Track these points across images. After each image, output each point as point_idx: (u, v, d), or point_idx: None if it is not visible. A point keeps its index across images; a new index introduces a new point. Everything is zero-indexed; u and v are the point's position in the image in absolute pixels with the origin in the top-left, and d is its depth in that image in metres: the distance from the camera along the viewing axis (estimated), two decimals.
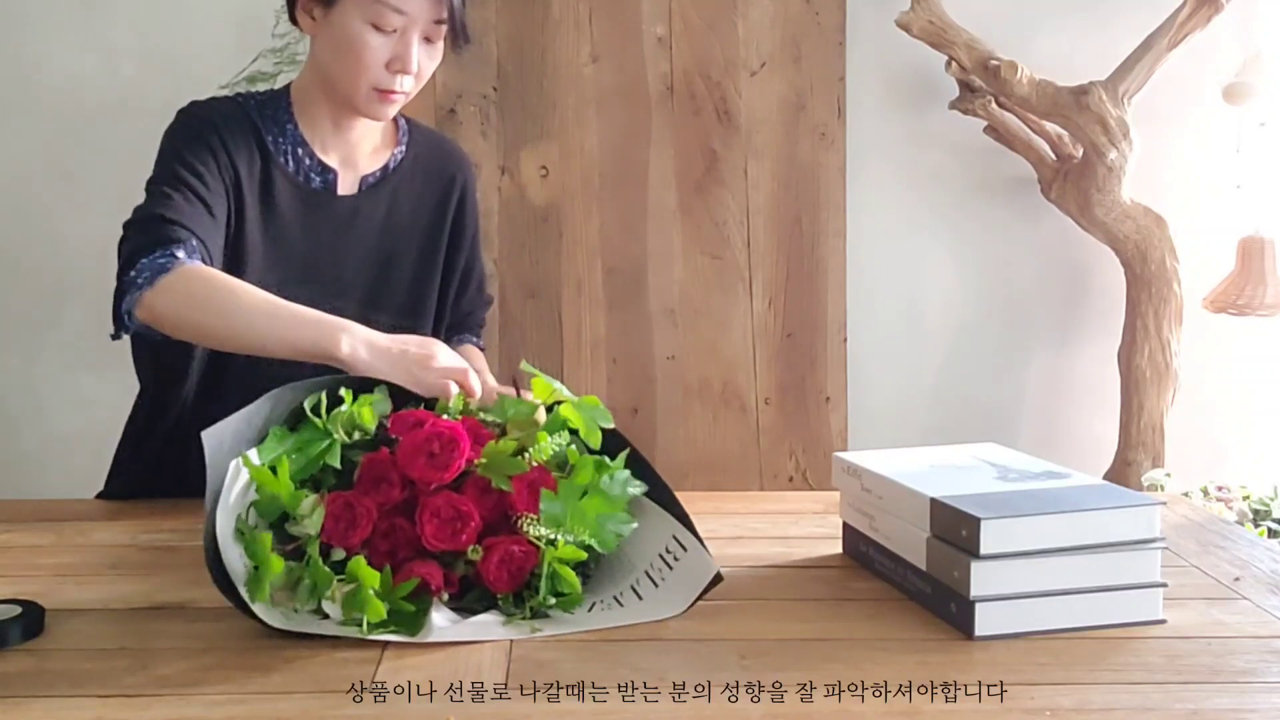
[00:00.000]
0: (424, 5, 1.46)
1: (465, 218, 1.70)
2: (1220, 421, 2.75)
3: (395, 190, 1.62)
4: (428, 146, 1.68)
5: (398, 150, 1.64)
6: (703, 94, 2.61)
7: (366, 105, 1.51)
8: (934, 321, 2.75)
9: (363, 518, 1.08)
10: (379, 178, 1.61)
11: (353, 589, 1.03)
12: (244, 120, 1.54)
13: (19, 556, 1.28)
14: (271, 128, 1.55)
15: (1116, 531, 1.07)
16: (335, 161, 1.58)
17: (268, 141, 1.54)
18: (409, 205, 1.64)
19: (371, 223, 1.60)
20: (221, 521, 1.06)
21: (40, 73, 2.63)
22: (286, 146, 1.55)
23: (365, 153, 1.61)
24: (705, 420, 2.63)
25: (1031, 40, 2.61)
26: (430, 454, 1.10)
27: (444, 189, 1.67)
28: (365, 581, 1.02)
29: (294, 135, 1.56)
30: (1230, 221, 2.65)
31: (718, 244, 2.63)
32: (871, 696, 0.92)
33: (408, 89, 1.50)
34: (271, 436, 1.14)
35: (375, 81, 1.48)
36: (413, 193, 1.64)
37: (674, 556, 1.14)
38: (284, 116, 1.56)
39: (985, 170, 2.71)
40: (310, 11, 1.49)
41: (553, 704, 0.91)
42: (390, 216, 1.62)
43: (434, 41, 1.50)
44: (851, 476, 1.25)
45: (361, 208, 1.59)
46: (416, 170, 1.65)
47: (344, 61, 1.48)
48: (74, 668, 0.98)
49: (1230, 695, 0.94)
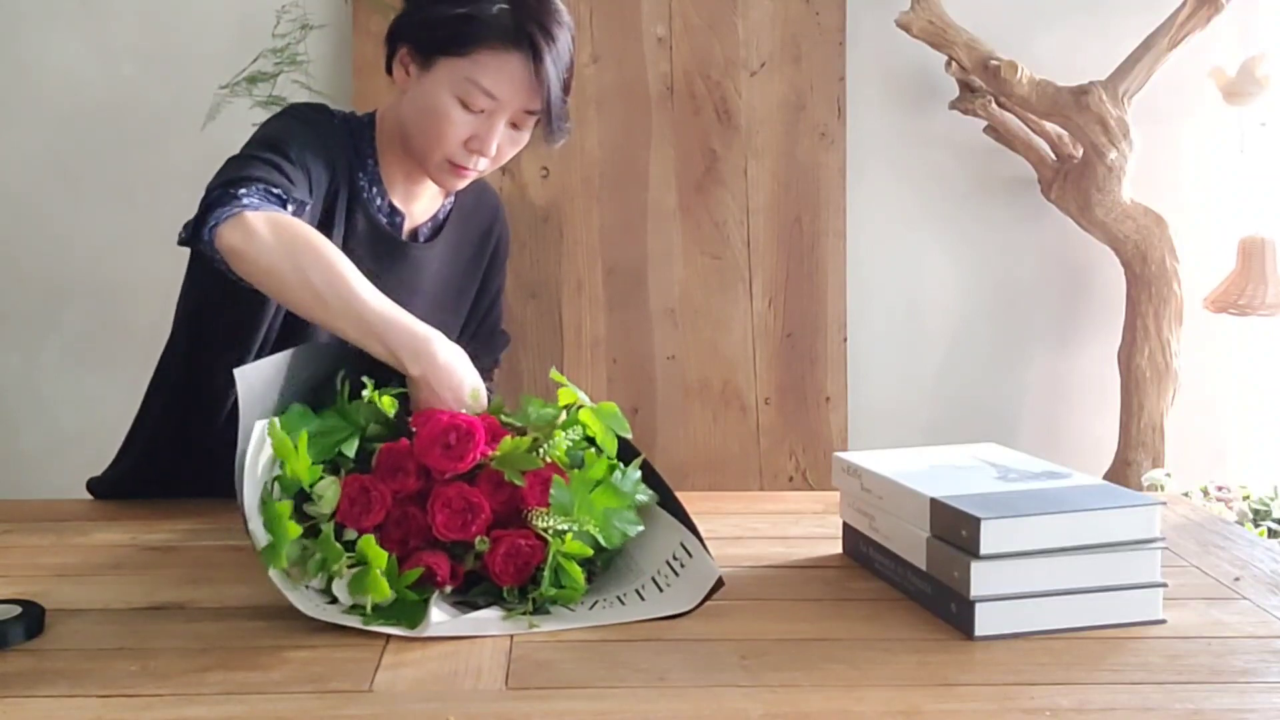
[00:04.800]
0: (516, 93, 1.41)
1: (495, 270, 1.69)
2: (1220, 421, 2.75)
3: (445, 241, 1.61)
4: (471, 194, 1.64)
5: (448, 201, 1.62)
6: (703, 94, 2.62)
7: (436, 173, 1.48)
8: (934, 321, 2.75)
9: (377, 502, 1.11)
10: (432, 229, 1.60)
11: (360, 570, 1.05)
12: (345, 136, 1.50)
13: (19, 556, 1.28)
14: (356, 155, 1.51)
15: (1116, 531, 1.07)
16: (404, 204, 1.55)
17: (355, 165, 1.51)
18: (453, 256, 1.62)
19: (427, 273, 1.58)
20: (249, 492, 1.08)
21: (40, 73, 2.63)
22: (366, 179, 1.52)
23: (424, 200, 1.58)
24: (705, 420, 2.63)
25: (1031, 40, 2.61)
26: (447, 444, 1.12)
27: (481, 240, 1.66)
28: (373, 562, 1.04)
29: (373, 171, 1.52)
30: (1230, 221, 2.66)
31: (718, 244, 2.63)
32: (871, 696, 0.92)
33: (481, 168, 1.47)
34: (293, 412, 1.16)
35: (450, 155, 1.44)
36: (456, 243, 1.62)
37: (680, 563, 1.15)
38: (367, 149, 1.52)
39: (985, 170, 2.71)
40: (407, 67, 1.45)
41: (553, 704, 0.91)
42: (440, 269, 1.60)
43: (521, 129, 1.46)
44: (851, 476, 1.25)
45: (421, 257, 1.57)
46: (460, 220, 1.63)
47: (425, 127, 1.43)
48: (74, 668, 0.98)
49: (1230, 695, 0.94)
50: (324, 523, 1.10)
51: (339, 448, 1.15)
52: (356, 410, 1.18)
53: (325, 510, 1.11)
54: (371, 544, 1.05)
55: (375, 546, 1.05)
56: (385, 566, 1.05)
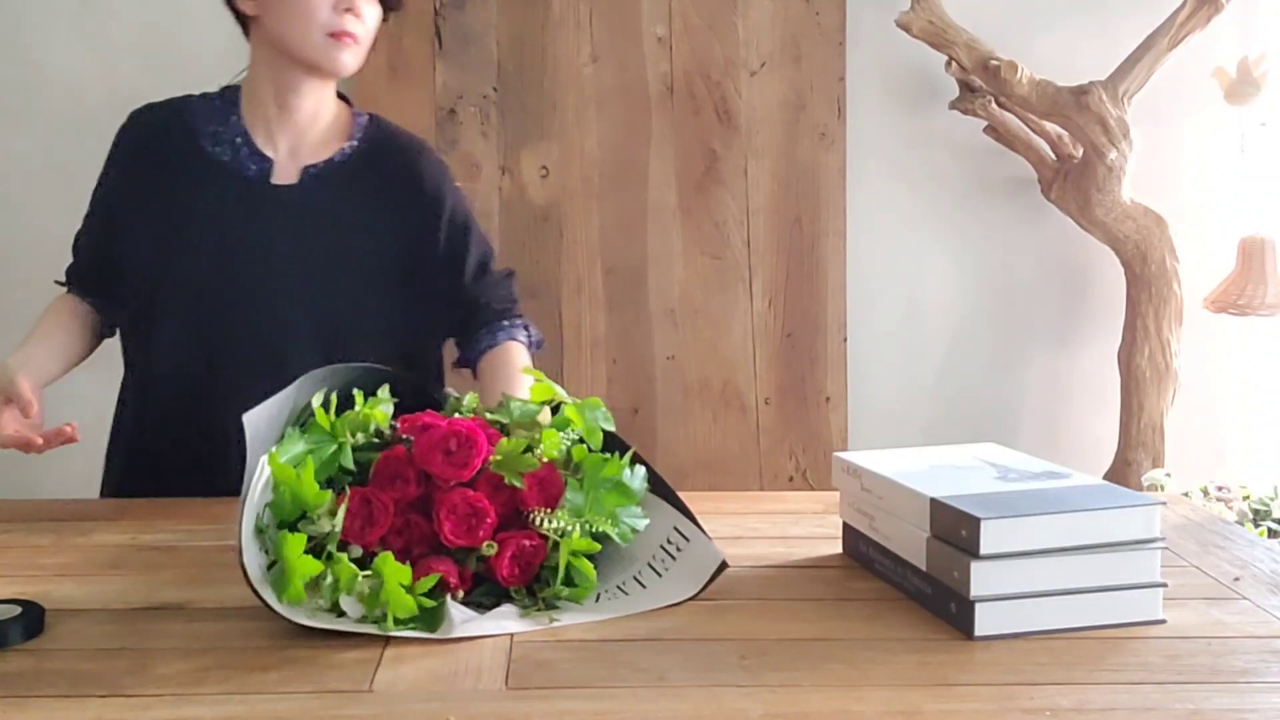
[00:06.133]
0: None
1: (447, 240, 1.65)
2: (1220, 421, 2.75)
3: (345, 184, 1.60)
4: (389, 142, 1.65)
5: (349, 144, 1.62)
6: (703, 94, 2.62)
7: (324, 55, 1.54)
8: (934, 321, 2.75)
9: (380, 514, 1.10)
10: (323, 168, 1.60)
11: (374, 585, 1.03)
12: (168, 124, 1.63)
13: (19, 556, 1.28)
14: (211, 123, 1.61)
15: (1116, 531, 1.07)
16: (277, 150, 1.60)
17: (205, 136, 1.60)
18: (362, 202, 1.61)
19: (312, 215, 1.58)
20: (246, 522, 1.06)
21: (40, 73, 2.63)
22: (228, 138, 1.60)
23: (312, 141, 1.61)
24: (705, 420, 2.63)
25: (1031, 40, 2.61)
26: (448, 451, 1.12)
27: (409, 190, 1.63)
28: (390, 577, 1.02)
29: (236, 126, 1.61)
30: (1230, 221, 2.65)
31: (718, 244, 2.63)
32: (871, 696, 0.92)
33: (358, 32, 1.54)
34: (288, 438, 1.15)
35: (326, 24, 1.52)
36: (368, 190, 1.61)
37: (676, 547, 1.16)
38: (230, 110, 1.62)
39: (985, 170, 2.71)
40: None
41: (553, 704, 0.91)
42: (338, 211, 1.59)
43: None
44: (851, 476, 1.25)
45: (301, 198, 1.58)
46: (373, 167, 1.62)
47: (292, 14, 1.53)
48: (74, 668, 0.97)
49: (1230, 695, 0.94)
50: (330, 541, 1.07)
51: (338, 463, 1.13)
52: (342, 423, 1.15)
53: (334, 529, 1.07)
54: (389, 561, 1.03)
55: (394, 563, 1.03)
56: (406, 581, 1.03)
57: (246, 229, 1.57)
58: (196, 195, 1.58)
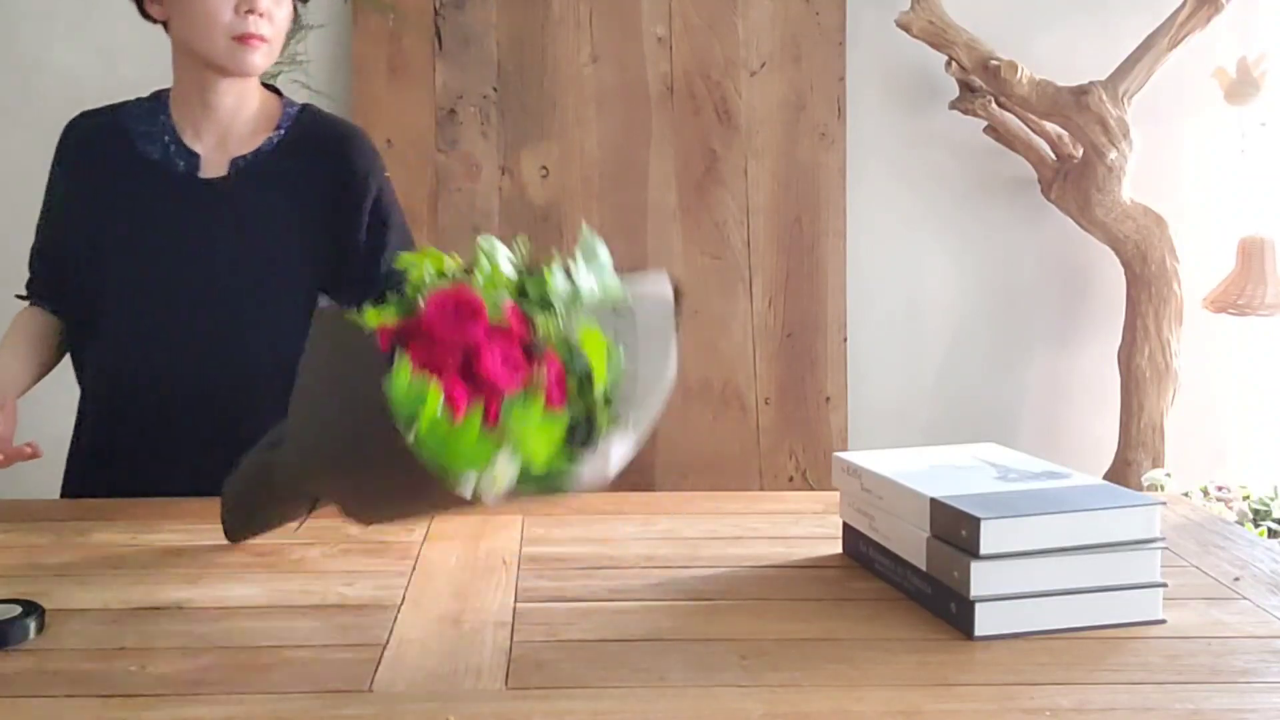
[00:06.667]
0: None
1: (360, 201, 1.63)
2: (1220, 421, 2.75)
3: (272, 173, 1.60)
4: (318, 129, 1.65)
5: (276, 133, 1.62)
6: (703, 94, 2.62)
7: (231, 58, 1.53)
8: (934, 321, 2.75)
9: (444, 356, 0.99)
10: (250, 159, 1.61)
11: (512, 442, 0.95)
12: (104, 128, 1.64)
13: (19, 556, 1.28)
14: (142, 124, 1.63)
15: (1116, 531, 1.07)
16: (204, 146, 1.61)
17: (137, 136, 1.62)
18: (290, 189, 1.61)
19: (242, 206, 1.59)
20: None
21: (40, 73, 2.63)
22: (157, 136, 1.62)
23: (240, 134, 1.61)
24: (705, 420, 2.63)
25: (1031, 40, 2.61)
26: (457, 314, 1.01)
27: (334, 176, 1.63)
28: (519, 421, 0.95)
29: (165, 125, 1.62)
30: (1230, 221, 2.65)
31: (718, 244, 2.63)
32: (871, 696, 0.92)
33: (264, 32, 1.53)
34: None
35: (229, 29, 1.51)
36: (296, 177, 1.61)
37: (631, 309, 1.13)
38: (160, 110, 1.64)
39: (985, 170, 2.71)
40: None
41: (553, 704, 0.91)
42: (268, 200, 1.60)
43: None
44: (851, 476, 1.25)
45: (231, 190, 1.59)
46: (300, 154, 1.62)
47: (195, 21, 1.53)
48: (74, 668, 0.98)
49: (1230, 695, 0.94)
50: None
51: None
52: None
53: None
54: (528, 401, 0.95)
55: (530, 409, 0.96)
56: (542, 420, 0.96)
57: (180, 223, 1.58)
58: (131, 195, 1.60)
